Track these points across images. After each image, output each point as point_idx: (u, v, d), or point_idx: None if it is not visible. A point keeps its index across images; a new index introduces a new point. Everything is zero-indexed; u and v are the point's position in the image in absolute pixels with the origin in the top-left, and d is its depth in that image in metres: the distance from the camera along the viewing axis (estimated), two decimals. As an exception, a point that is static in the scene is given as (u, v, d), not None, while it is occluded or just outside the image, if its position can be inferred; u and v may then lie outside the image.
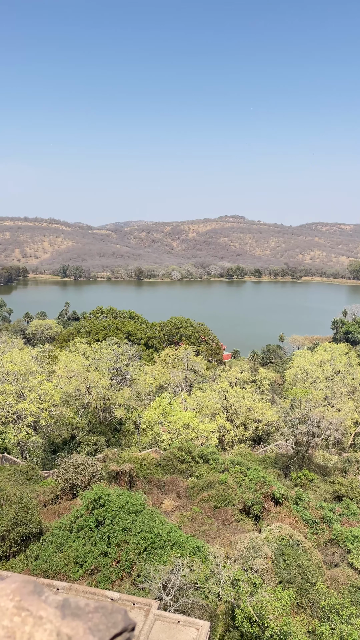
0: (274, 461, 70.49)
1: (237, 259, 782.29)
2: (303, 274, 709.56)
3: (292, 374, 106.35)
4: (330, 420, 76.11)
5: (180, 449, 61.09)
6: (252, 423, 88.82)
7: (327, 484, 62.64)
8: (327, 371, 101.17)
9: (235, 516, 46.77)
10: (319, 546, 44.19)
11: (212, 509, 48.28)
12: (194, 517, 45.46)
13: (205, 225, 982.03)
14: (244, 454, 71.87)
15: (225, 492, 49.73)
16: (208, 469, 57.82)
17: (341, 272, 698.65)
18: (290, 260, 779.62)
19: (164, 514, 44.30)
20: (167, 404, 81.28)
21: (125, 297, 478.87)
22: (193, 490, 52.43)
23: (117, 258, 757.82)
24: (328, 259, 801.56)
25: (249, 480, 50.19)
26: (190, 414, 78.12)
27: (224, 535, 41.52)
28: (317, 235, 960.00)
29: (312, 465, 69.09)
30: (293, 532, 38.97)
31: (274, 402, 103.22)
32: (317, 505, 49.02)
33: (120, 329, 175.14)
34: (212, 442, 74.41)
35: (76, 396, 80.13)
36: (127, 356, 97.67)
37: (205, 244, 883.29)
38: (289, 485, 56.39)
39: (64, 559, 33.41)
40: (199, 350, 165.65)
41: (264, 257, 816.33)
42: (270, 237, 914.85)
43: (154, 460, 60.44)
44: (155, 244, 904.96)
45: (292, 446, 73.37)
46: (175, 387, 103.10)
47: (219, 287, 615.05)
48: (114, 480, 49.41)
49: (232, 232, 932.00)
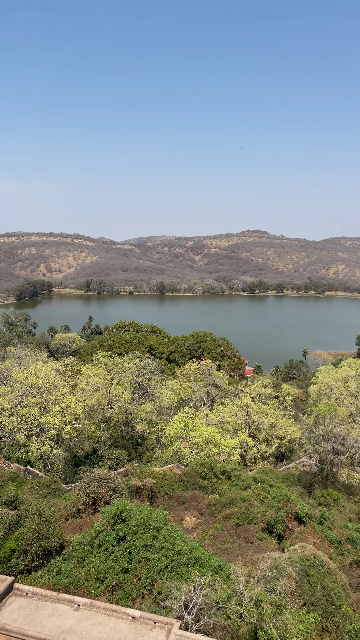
0: (298, 479, 69.27)
1: (259, 274, 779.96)
2: (326, 289, 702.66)
3: (315, 390, 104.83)
4: (356, 438, 74.61)
5: (202, 465, 60.57)
6: (274, 439, 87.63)
7: (353, 504, 61.23)
8: (351, 387, 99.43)
9: (257, 535, 45.96)
10: (344, 568, 43.02)
11: (234, 526, 47.57)
12: (216, 534, 44.85)
13: (228, 240, 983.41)
14: (267, 471, 70.83)
15: (247, 509, 48.99)
16: (230, 486, 57.12)
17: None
18: (313, 274, 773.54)
19: (185, 530, 43.84)
20: (189, 419, 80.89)
21: (148, 311, 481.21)
22: (215, 507, 51.80)
23: (140, 272, 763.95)
24: (352, 273, 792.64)
25: (271, 498, 49.36)
26: (212, 429, 77.54)
27: (246, 554, 40.80)
28: (340, 249, 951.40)
29: (336, 484, 67.65)
30: (317, 553, 38.07)
31: (297, 418, 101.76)
32: (342, 526, 47.86)
33: (142, 342, 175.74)
34: (234, 459, 73.62)
35: (98, 410, 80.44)
36: (149, 370, 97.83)
37: (227, 258, 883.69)
38: (313, 504, 55.25)
39: (85, 574, 33.27)
40: (221, 365, 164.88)
41: (286, 272, 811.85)
42: (292, 251, 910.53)
43: (175, 475, 60.04)
44: (178, 259, 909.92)
45: (315, 464, 72.05)
46: (197, 401, 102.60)
47: (240, 302, 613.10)
48: (135, 495, 49.20)
49: (254, 246, 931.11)
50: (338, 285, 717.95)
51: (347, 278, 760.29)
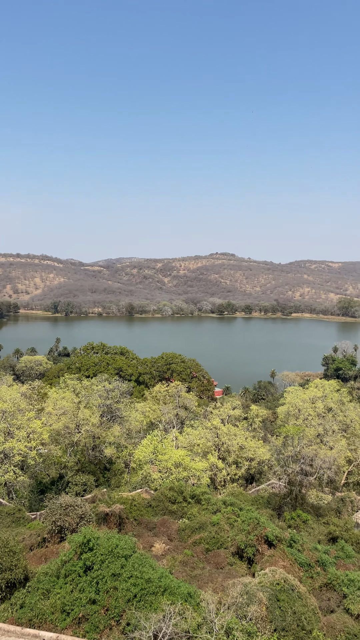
0: (267, 501, 69.12)
1: (228, 295, 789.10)
2: (293, 311, 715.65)
3: (284, 411, 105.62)
4: (323, 458, 75.21)
5: (172, 489, 59.80)
6: (244, 461, 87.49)
7: (322, 525, 61.39)
8: (319, 408, 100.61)
9: (228, 559, 45.42)
10: (314, 591, 42.86)
11: (204, 552, 46.89)
12: (186, 560, 44.10)
13: (196, 262, 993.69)
14: (237, 494, 70.46)
15: (217, 534, 48.46)
16: (200, 510, 56.50)
17: (330, 309, 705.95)
18: (280, 297, 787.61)
19: (154, 557, 42.96)
20: (158, 442, 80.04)
21: (117, 333, 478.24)
22: (184, 533, 51.03)
23: (109, 294, 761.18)
24: (317, 295, 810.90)
25: (241, 521, 49.03)
26: (181, 452, 76.87)
27: (216, 580, 40.19)
28: (306, 272, 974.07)
29: (305, 505, 67.82)
30: (288, 577, 37.88)
31: (266, 439, 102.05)
32: (311, 548, 47.87)
33: (111, 365, 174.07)
34: (204, 482, 73.00)
35: (65, 434, 78.74)
36: (117, 393, 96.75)
37: (196, 280, 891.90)
38: (283, 527, 55.12)
39: (50, 606, 32.06)
40: (191, 387, 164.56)
41: (254, 294, 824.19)
42: (260, 274, 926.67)
43: (144, 500, 59.03)
44: (147, 280, 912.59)
45: (285, 485, 72.15)
46: (167, 424, 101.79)
47: (210, 323, 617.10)
48: (103, 522, 48.05)
49: (222, 269, 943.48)
50: (304, 307, 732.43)
51: (313, 300, 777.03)
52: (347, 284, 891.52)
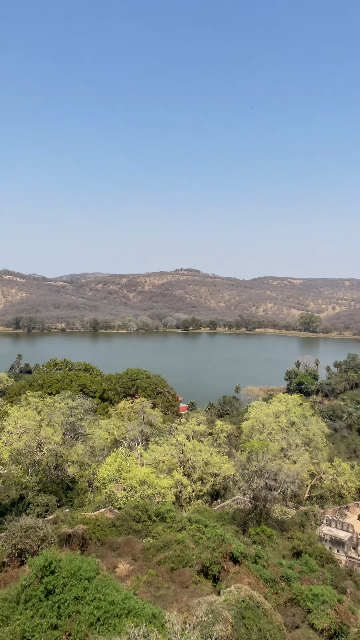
0: (232, 517, 69.08)
1: (193, 311, 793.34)
2: (256, 326, 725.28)
3: (248, 426, 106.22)
4: (287, 472, 75.91)
5: (136, 508, 58.99)
6: (209, 477, 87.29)
7: (286, 540, 61.76)
8: (282, 422, 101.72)
9: (193, 578, 44.95)
10: (279, 607, 42.88)
11: (169, 571, 46.29)
12: (150, 581, 43.39)
13: (161, 278, 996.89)
14: (202, 511, 70.15)
15: (182, 552, 47.98)
16: (165, 528, 55.87)
17: (292, 324, 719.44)
18: (244, 312, 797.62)
19: (118, 578, 42.07)
20: (123, 460, 79.02)
21: (81, 349, 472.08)
22: (149, 552, 50.30)
23: (73, 309, 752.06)
24: (280, 311, 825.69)
25: (206, 538, 48.73)
26: (146, 469, 76.08)
27: (181, 599, 39.66)
28: (269, 288, 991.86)
29: (270, 520, 68.14)
30: (253, 594, 37.77)
31: (231, 455, 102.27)
32: (276, 563, 48.00)
33: (74, 381, 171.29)
34: (169, 499, 72.37)
35: (26, 453, 76.63)
36: (81, 410, 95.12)
37: (162, 296, 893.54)
38: (248, 542, 55.11)
39: (9, 634, 30.80)
40: (156, 403, 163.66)
41: (218, 310, 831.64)
42: (224, 290, 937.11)
43: (108, 520, 57.96)
44: (112, 296, 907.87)
45: (249, 501, 72.33)
46: (131, 441, 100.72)
47: (175, 339, 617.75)
48: (65, 543, 46.83)
49: (187, 284, 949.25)
50: (267, 322, 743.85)
51: (275, 316, 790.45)
52: (308, 300, 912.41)
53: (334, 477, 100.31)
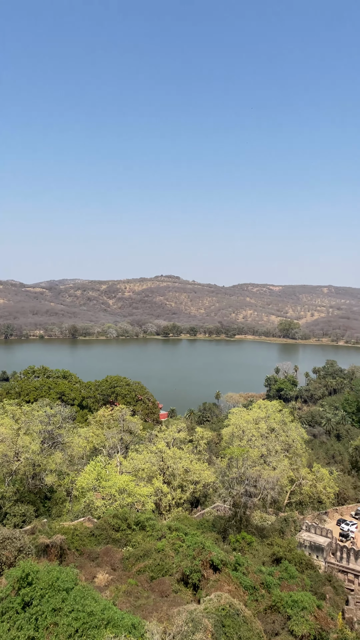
0: (212, 524, 68.94)
1: (173, 318, 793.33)
2: (236, 332, 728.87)
3: (228, 433, 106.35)
4: (267, 479, 76.17)
5: (115, 517, 58.41)
6: (189, 485, 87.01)
7: (266, 547, 61.83)
8: (262, 429, 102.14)
9: (173, 587, 44.63)
10: (259, 614, 42.85)
11: (148, 580, 45.88)
12: (130, 590, 42.92)
13: (142, 284, 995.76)
14: (182, 519, 69.81)
15: (162, 561, 47.62)
16: (144, 537, 55.41)
17: (272, 331, 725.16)
18: (224, 319, 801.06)
19: (97, 589, 41.53)
20: (102, 468, 78.25)
21: (59, 356, 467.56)
22: (129, 561, 49.79)
23: (51, 316, 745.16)
24: (259, 318, 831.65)
25: (186, 546, 48.48)
26: (125, 477, 75.49)
27: (161, 608, 39.32)
28: (248, 295, 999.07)
29: (250, 527, 68.18)
30: (233, 601, 37.68)
31: (211, 461, 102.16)
32: (256, 570, 48.00)
33: (53, 389, 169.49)
34: (149, 507, 71.87)
35: (3, 463, 75.37)
36: (59, 418, 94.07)
37: (142, 302, 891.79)
38: (228, 550, 55.02)
39: (-16, 649, 30.14)
40: (135, 410, 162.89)
41: (198, 316, 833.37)
42: (204, 296, 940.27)
43: (87, 529, 57.24)
44: (91, 302, 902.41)
45: (230, 508, 72.31)
46: (111, 449, 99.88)
47: (155, 345, 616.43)
48: (43, 554, 46.06)
49: (167, 291, 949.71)
50: (247, 329, 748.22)
51: (255, 322, 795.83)
52: (287, 307, 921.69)
53: (313, 482, 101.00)
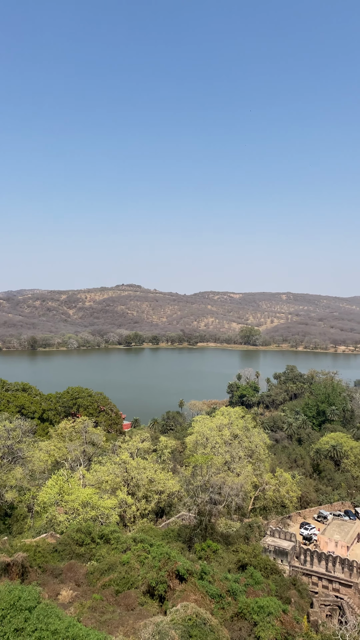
0: (178, 534, 68.63)
1: (135, 327, 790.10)
2: (198, 340, 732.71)
3: (192, 440, 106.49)
4: (231, 485, 76.54)
5: (79, 531, 57.31)
6: (154, 495, 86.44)
7: (231, 554, 62.01)
8: (225, 435, 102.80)
9: (139, 599, 44.07)
10: (226, 622, 42.84)
11: (114, 594, 45.14)
12: (95, 606, 42.11)
13: (102, 294, 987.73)
14: (147, 530, 69.20)
15: (127, 573, 46.99)
16: (109, 550, 54.58)
17: (233, 338, 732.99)
18: (186, 327, 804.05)
19: (61, 606, 40.53)
20: (64, 482, 76.74)
21: (18, 368, 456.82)
22: (93, 576, 48.88)
23: (9, 327, 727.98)
24: (221, 325, 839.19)
25: (152, 557, 48.06)
26: (89, 490, 74.25)
27: (127, 622, 38.73)
28: (209, 303, 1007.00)
29: (215, 534, 68.26)
30: (199, 611, 37.54)
31: (176, 470, 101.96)
32: (222, 578, 48.03)
33: (12, 402, 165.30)
34: (113, 520, 70.87)
35: None
36: (19, 432, 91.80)
37: (103, 312, 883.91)
38: (194, 559, 54.87)
39: None
40: (98, 421, 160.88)
41: (160, 325, 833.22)
42: (166, 305, 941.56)
43: (49, 546, 55.90)
44: (51, 313, 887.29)
45: (195, 516, 72.21)
46: (73, 462, 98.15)
47: (117, 355, 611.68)
48: (4, 573, 44.64)
49: (129, 300, 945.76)
50: (209, 336, 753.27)
51: (217, 330, 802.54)
52: (248, 314, 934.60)
53: (276, 487, 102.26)
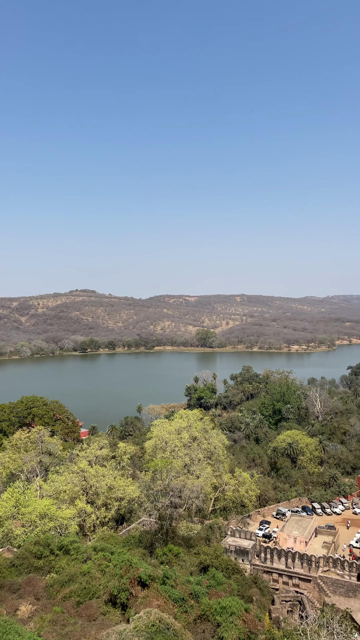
0: (139, 540, 68.16)
1: (90, 332, 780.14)
2: (155, 344, 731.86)
3: (151, 445, 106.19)
4: (191, 488, 76.77)
5: (37, 543, 55.91)
6: (114, 502, 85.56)
7: (193, 556, 62.14)
8: (184, 438, 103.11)
9: (101, 609, 43.44)
10: (190, 625, 42.86)
11: (75, 605, 44.30)
12: (56, 619, 41.18)
13: (56, 300, 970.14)
14: (107, 538, 68.38)
15: (88, 584, 46.24)
16: (69, 561, 53.53)
17: (190, 341, 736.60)
18: (143, 331, 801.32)
19: (20, 622, 39.43)
20: (20, 494, 74.77)
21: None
22: (53, 588, 47.78)
23: None
24: (177, 328, 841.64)
25: (113, 566, 47.50)
26: (46, 501, 72.62)
27: (89, 633, 38.10)
28: (165, 306, 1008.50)
29: (176, 538, 68.22)
30: (162, 616, 37.40)
31: (135, 476, 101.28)
32: (184, 581, 48.05)
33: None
34: (73, 530, 69.62)
35: None
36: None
37: (57, 318, 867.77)
38: (155, 564, 54.61)
39: None
40: (54, 430, 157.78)
41: (116, 330, 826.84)
42: (121, 309, 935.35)
43: (6, 561, 54.26)
44: (2, 320, 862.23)
45: (155, 521, 71.94)
46: (29, 473, 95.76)
47: (73, 362, 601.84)
48: None
49: (83, 305, 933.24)
50: (165, 340, 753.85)
51: (173, 333, 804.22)
52: (204, 317, 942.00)
53: (235, 487, 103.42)
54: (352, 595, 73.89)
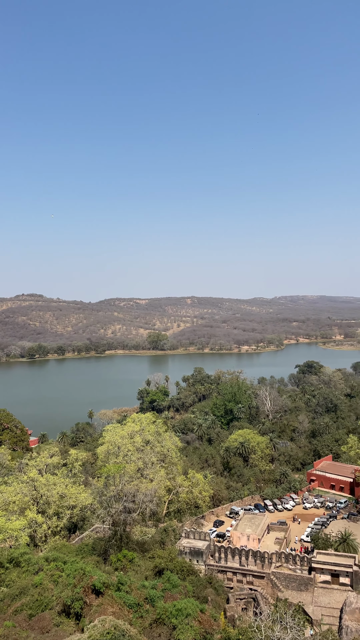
0: (92, 547, 67.16)
1: (38, 338, 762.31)
2: (106, 348, 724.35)
3: (103, 451, 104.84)
4: (145, 492, 76.39)
5: (-14, 557, 53.97)
6: (65, 511, 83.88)
7: (147, 560, 61.89)
8: (137, 442, 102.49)
9: (54, 620, 42.43)
10: (146, 630, 42.62)
11: (27, 618, 43.03)
12: (7, 634, 39.85)
13: (1, 305, 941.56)
14: (60, 547, 66.93)
15: (41, 595, 45.05)
16: (20, 573, 51.98)
17: (141, 344, 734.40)
18: (93, 335, 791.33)
19: (-32, 642, 37.88)
20: (-33, 507, 71.89)
21: None
22: (3, 602, 46.24)
23: None
24: (128, 332, 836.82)
25: (66, 575, 46.53)
26: (-5, 513, 70.26)
27: (42, 647, 37.11)
28: (116, 310, 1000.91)
29: (130, 543, 67.72)
30: (117, 623, 36.98)
31: (88, 483, 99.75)
32: (139, 586, 47.74)
33: None
34: (23, 541, 67.70)
35: None
36: None
37: (2, 323, 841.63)
38: (110, 571, 53.96)
39: None
40: (2, 440, 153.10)
41: (66, 334, 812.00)
42: (70, 313, 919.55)
43: None
44: None
45: (109, 527, 71.09)
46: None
47: (20, 369, 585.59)
48: None
49: (30, 310, 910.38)
50: (117, 344, 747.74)
51: (124, 336, 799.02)
52: (155, 319, 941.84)
53: (189, 489, 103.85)
54: (304, 589, 75.84)
